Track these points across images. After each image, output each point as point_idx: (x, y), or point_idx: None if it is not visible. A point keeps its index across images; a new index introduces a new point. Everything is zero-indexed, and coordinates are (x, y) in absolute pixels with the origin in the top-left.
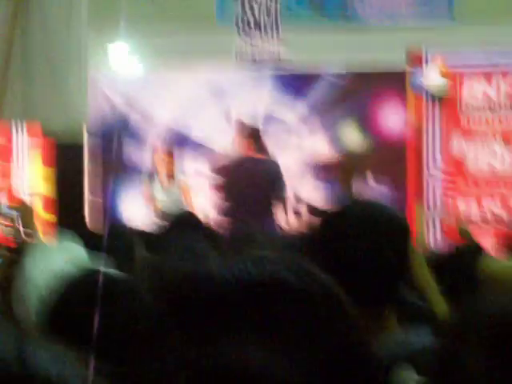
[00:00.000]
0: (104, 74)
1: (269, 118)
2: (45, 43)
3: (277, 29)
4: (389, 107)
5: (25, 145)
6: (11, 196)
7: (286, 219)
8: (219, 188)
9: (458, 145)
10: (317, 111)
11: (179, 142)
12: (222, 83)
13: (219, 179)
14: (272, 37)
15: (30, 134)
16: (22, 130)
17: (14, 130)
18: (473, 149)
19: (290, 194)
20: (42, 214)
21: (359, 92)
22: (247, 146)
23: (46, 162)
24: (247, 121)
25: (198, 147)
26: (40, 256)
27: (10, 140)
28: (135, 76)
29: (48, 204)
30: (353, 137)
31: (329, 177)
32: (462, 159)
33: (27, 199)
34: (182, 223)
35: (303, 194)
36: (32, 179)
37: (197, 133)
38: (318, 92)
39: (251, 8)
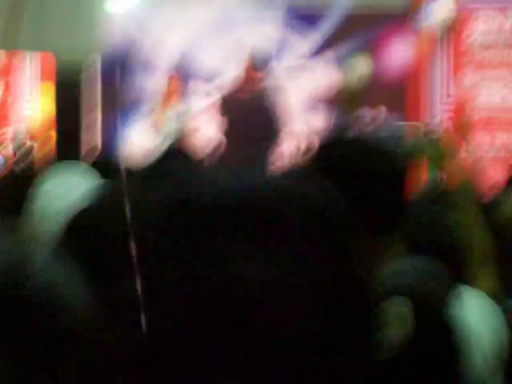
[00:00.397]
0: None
1: (280, 49)
2: None
3: None
4: (397, 41)
5: (37, 76)
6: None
7: (289, 152)
8: (221, 120)
9: (470, 78)
10: (326, 44)
11: (189, 69)
12: (234, 12)
13: (220, 111)
14: None
15: (43, 64)
16: (34, 61)
17: (27, 60)
18: (486, 83)
19: (299, 126)
20: (44, 133)
21: (368, 26)
22: (255, 77)
23: (45, 78)
24: (258, 51)
25: (207, 74)
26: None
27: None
28: (147, 2)
29: (48, 121)
30: (361, 69)
31: (336, 108)
32: (473, 92)
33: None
34: (172, 157)
35: (314, 126)
36: (39, 99)
37: (207, 60)
38: (328, 24)
39: None
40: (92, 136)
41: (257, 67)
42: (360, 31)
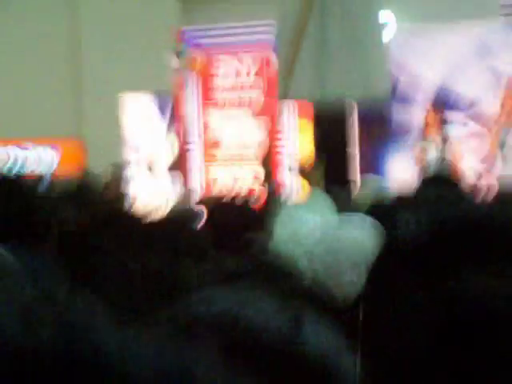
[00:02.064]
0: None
1: None
2: (343, 22)
3: None
4: None
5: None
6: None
7: None
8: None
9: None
10: None
11: (448, 101)
12: (488, 40)
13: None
14: None
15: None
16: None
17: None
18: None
19: None
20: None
21: None
22: None
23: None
24: None
25: (465, 106)
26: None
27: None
28: (400, 33)
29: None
30: None
31: None
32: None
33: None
34: (437, 182)
35: None
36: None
37: (464, 91)
38: None
39: None
40: (354, 170)
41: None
42: None
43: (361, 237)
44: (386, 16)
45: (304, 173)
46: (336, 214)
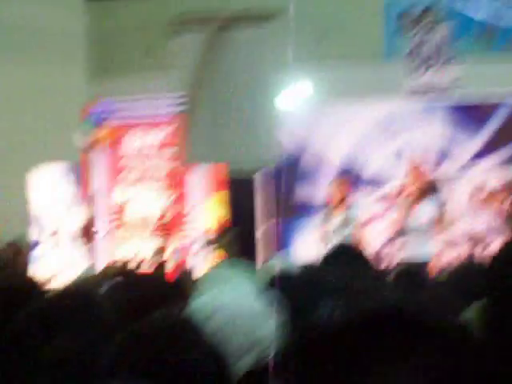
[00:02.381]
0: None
1: (441, 151)
2: (232, 88)
3: (447, 60)
4: None
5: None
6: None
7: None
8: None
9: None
10: (490, 142)
11: (352, 177)
12: (393, 117)
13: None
14: (443, 69)
15: (214, 175)
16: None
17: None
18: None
19: (462, 228)
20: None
21: None
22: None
23: (220, 187)
24: (419, 158)
25: (370, 183)
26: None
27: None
28: (308, 111)
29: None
30: None
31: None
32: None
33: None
34: (341, 256)
35: (476, 230)
36: (210, 210)
37: (369, 168)
38: (491, 122)
39: (421, 41)
40: (267, 243)
41: (422, 171)
42: None
43: (262, 310)
44: (293, 92)
45: (211, 243)
46: (242, 285)
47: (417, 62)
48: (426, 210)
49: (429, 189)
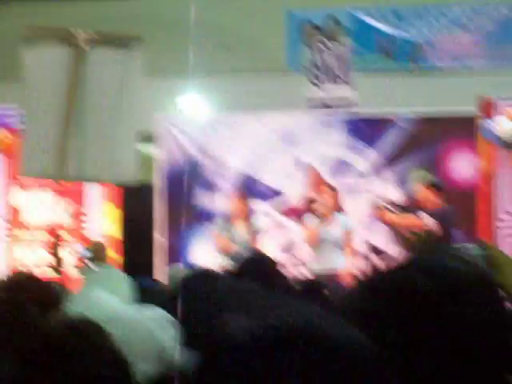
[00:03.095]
0: (174, 119)
1: (339, 164)
2: (98, 104)
3: (347, 74)
4: (459, 153)
5: (97, 193)
6: (84, 237)
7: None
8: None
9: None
10: (387, 157)
11: (252, 189)
12: (292, 129)
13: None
14: (343, 82)
15: (104, 190)
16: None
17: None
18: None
19: (360, 240)
20: (111, 256)
21: (429, 137)
22: (321, 191)
23: (114, 204)
24: (318, 168)
25: (268, 193)
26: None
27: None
28: (206, 122)
29: (116, 245)
30: (423, 183)
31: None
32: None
33: (99, 240)
34: (254, 267)
35: (373, 241)
36: (102, 222)
37: (268, 180)
38: (388, 137)
39: (322, 54)
40: (161, 256)
41: (317, 185)
42: (422, 141)
43: (155, 327)
44: (193, 102)
45: (93, 256)
46: (134, 301)
47: (317, 75)
48: (335, 222)
49: (335, 201)
